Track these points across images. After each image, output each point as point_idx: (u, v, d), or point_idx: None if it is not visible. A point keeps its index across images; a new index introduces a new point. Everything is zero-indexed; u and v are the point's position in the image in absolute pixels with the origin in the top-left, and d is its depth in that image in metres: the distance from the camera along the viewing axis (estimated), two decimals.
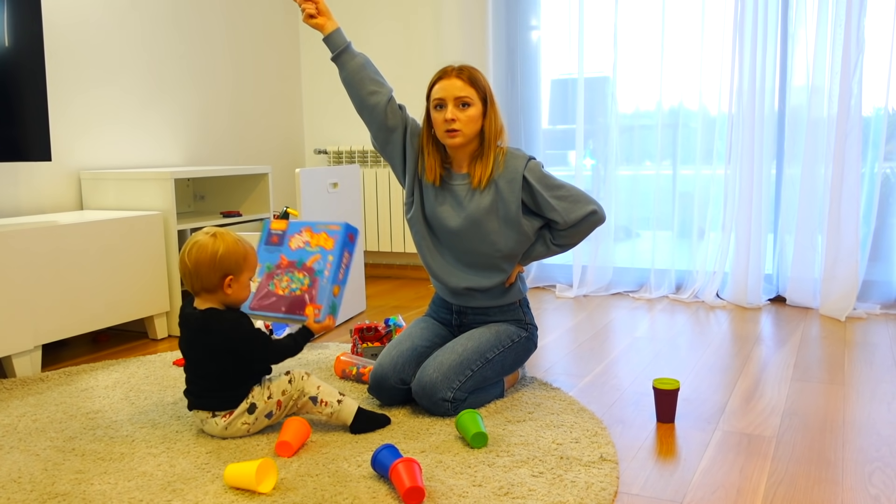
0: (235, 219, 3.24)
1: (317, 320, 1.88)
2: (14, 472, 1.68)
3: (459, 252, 2.13)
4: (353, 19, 4.16)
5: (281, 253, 1.97)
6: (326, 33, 2.09)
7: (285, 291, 1.91)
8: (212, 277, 1.80)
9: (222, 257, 1.80)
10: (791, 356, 2.53)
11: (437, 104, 2.03)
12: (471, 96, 2.01)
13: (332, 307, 1.89)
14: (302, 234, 1.95)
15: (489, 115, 2.04)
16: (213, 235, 1.82)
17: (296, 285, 1.91)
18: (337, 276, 1.90)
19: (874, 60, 3.07)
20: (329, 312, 1.89)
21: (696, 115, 3.42)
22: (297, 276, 1.92)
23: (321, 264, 1.91)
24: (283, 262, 1.96)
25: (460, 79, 2.01)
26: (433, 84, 2.05)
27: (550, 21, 3.71)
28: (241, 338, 1.80)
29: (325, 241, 1.92)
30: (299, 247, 1.94)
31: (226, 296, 1.83)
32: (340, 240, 1.92)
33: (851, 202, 3.06)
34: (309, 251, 1.93)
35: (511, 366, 2.11)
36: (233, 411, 1.82)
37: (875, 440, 1.81)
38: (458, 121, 2.00)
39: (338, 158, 4.21)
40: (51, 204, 2.95)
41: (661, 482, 1.60)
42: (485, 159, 2.05)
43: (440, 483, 1.58)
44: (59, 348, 2.80)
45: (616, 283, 3.67)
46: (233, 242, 1.83)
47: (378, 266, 4.28)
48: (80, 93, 3.04)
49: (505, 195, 2.04)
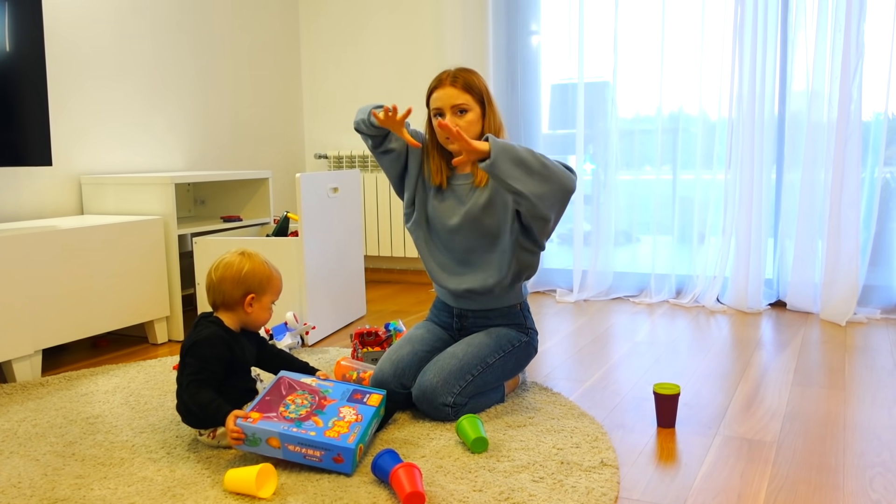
0: (236, 223, 3.25)
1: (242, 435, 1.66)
2: (14, 477, 1.67)
3: (460, 252, 2.13)
4: (354, 24, 4.17)
5: None
6: None
7: (286, 414, 1.71)
8: (234, 293, 1.82)
9: (247, 274, 1.83)
10: (791, 361, 2.53)
11: (435, 113, 2.08)
12: (467, 102, 2.04)
13: (254, 439, 1.64)
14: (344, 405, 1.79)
15: (488, 116, 2.08)
16: (241, 254, 1.86)
17: (304, 408, 1.75)
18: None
19: (874, 65, 3.07)
20: (246, 438, 1.65)
21: (696, 119, 3.43)
22: (308, 399, 1.78)
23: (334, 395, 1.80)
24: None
25: (455, 87, 2.04)
26: (430, 92, 2.09)
27: (550, 26, 3.72)
28: (189, 355, 1.76)
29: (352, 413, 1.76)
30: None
31: (246, 314, 1.84)
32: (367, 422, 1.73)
33: (851, 207, 3.06)
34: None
35: (511, 370, 2.11)
36: (215, 431, 1.80)
37: (876, 445, 1.80)
38: (457, 127, 1.99)
39: (338, 163, 4.21)
40: (51, 208, 2.95)
41: (662, 487, 1.60)
42: None
43: (440, 488, 1.57)
44: (60, 353, 2.80)
45: (616, 288, 3.67)
46: (260, 263, 1.86)
47: (378, 271, 4.28)
48: (80, 97, 3.04)
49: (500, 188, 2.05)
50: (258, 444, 1.65)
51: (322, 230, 2.94)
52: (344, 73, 4.24)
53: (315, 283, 2.87)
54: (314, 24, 4.28)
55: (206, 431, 1.81)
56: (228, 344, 1.80)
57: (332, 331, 3.04)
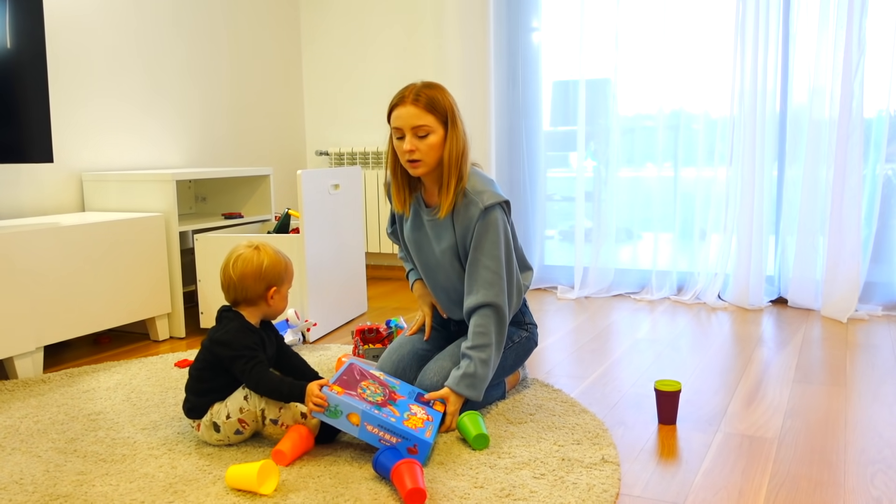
0: (237, 220, 3.25)
1: (324, 413, 1.69)
2: (16, 474, 1.68)
3: (448, 290, 2.08)
4: (355, 19, 4.17)
5: None
6: None
7: (365, 396, 1.75)
8: (257, 288, 1.82)
9: (267, 269, 1.83)
10: (793, 358, 2.53)
11: (396, 134, 1.92)
12: (429, 124, 1.87)
13: (335, 410, 1.68)
14: None
15: (450, 138, 1.89)
16: (255, 248, 1.85)
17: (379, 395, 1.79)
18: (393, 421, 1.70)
19: (876, 62, 3.06)
20: (328, 408, 1.69)
21: (698, 116, 3.42)
22: (380, 389, 1.82)
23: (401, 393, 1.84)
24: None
25: (416, 106, 1.87)
26: (391, 110, 1.92)
27: (552, 23, 3.71)
28: (227, 347, 1.77)
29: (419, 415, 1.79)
30: None
31: (268, 307, 1.85)
32: None
33: (853, 204, 3.06)
34: None
35: (512, 366, 2.11)
36: (199, 423, 1.81)
37: (877, 442, 1.80)
38: (417, 150, 1.88)
39: (339, 160, 4.21)
40: (53, 205, 2.95)
41: (663, 484, 1.60)
42: (445, 188, 1.92)
43: (442, 484, 1.58)
44: (61, 350, 2.80)
45: (617, 285, 3.66)
46: (274, 254, 1.86)
47: (379, 268, 4.28)
48: (82, 94, 3.04)
49: (459, 240, 1.97)
50: (338, 416, 1.68)
51: (323, 227, 2.94)
52: (345, 69, 4.24)
53: (316, 280, 2.87)
54: (315, 19, 4.28)
55: (192, 421, 1.82)
56: (259, 335, 1.83)
57: (333, 328, 3.04)
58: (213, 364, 1.79)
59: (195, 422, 1.81)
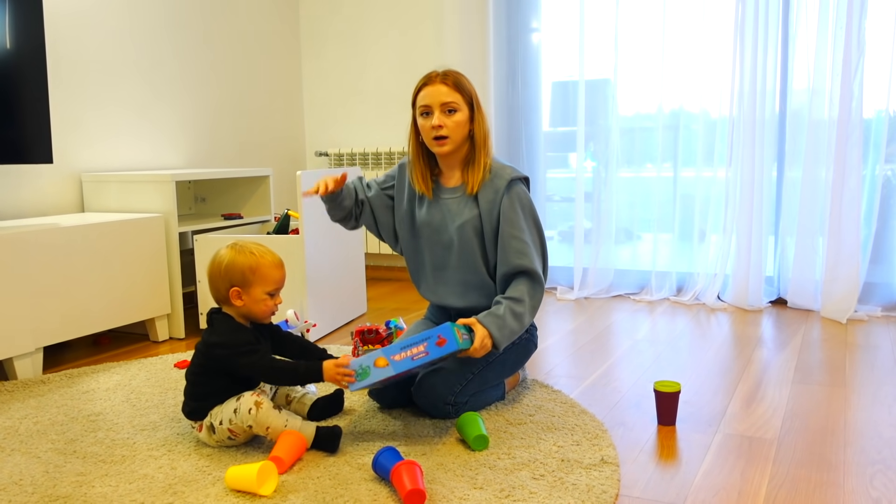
0: (236, 221, 3.25)
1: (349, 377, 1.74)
2: (15, 475, 1.68)
3: (461, 269, 2.07)
4: (354, 21, 4.17)
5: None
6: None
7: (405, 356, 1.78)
8: (220, 288, 1.80)
9: (227, 268, 1.78)
10: (792, 358, 2.53)
11: (423, 111, 1.99)
12: (457, 101, 1.97)
13: (363, 371, 1.75)
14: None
15: (477, 120, 2.01)
16: (230, 246, 1.81)
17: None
18: (404, 359, 1.76)
19: (875, 62, 3.07)
20: (356, 373, 1.76)
21: (697, 117, 3.42)
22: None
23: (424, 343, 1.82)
24: None
25: (445, 84, 1.97)
26: (418, 91, 2.01)
27: (551, 23, 3.71)
28: (223, 349, 1.75)
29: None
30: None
31: (236, 308, 1.80)
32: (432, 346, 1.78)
33: (852, 204, 3.06)
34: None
35: (512, 367, 2.11)
36: (201, 424, 1.80)
37: (876, 442, 1.81)
38: (445, 127, 1.96)
39: (339, 161, 4.21)
40: (52, 206, 2.95)
41: (663, 485, 1.60)
42: (476, 164, 2.01)
43: (441, 485, 1.58)
44: (61, 350, 2.80)
45: (617, 286, 3.67)
46: (244, 254, 1.78)
47: (379, 268, 4.28)
48: (81, 95, 3.04)
49: (484, 215, 2.00)
50: (368, 373, 1.75)
51: (323, 228, 2.94)
52: (344, 70, 4.24)
53: (316, 281, 2.87)
54: (315, 20, 4.28)
55: (193, 423, 1.82)
56: (252, 332, 1.82)
57: (332, 328, 3.04)
58: (208, 368, 1.79)
59: (196, 423, 1.81)
